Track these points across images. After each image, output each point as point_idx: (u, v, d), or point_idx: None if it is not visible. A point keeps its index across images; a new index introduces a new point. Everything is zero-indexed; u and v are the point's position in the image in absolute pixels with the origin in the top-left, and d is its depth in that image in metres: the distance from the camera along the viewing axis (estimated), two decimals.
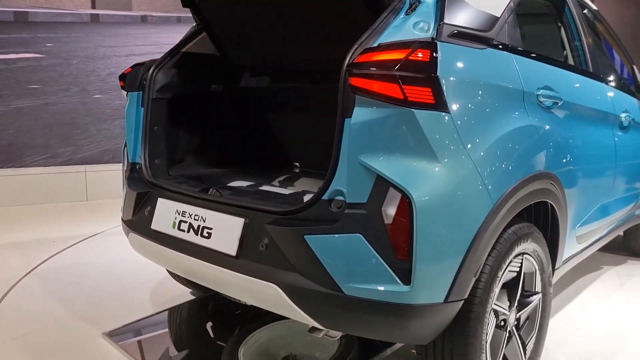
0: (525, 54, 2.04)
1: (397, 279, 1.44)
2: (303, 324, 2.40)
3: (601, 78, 2.74)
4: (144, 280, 3.05)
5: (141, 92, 2.33)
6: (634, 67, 3.31)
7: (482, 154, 1.59)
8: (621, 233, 3.58)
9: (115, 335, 2.46)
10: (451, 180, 1.50)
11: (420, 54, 1.46)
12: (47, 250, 3.50)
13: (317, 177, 2.38)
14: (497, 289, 1.74)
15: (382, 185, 1.44)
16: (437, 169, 1.47)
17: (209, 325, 2.68)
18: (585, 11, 2.92)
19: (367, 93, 1.46)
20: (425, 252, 1.44)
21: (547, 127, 2.02)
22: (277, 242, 1.62)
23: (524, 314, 1.98)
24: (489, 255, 1.66)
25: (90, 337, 2.42)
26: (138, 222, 2.18)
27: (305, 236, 1.52)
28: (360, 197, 1.47)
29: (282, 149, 2.85)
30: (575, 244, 2.46)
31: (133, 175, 2.32)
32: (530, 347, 2.02)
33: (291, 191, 1.91)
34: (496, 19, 1.88)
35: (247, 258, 1.71)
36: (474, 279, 1.58)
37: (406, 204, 1.41)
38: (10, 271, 3.11)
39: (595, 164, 2.55)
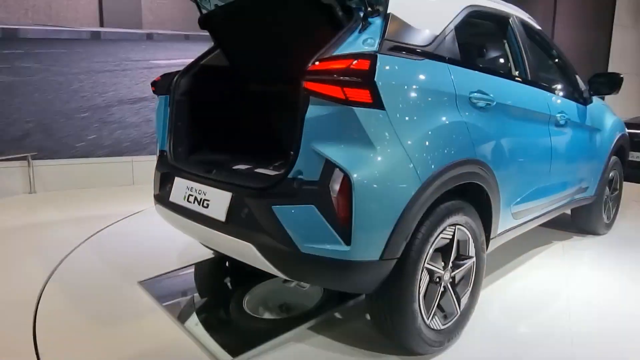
0: (461, 64, 2.00)
1: (340, 240, 1.49)
2: (274, 285, 2.51)
3: (539, 85, 2.67)
4: (176, 243, 3.12)
5: (168, 95, 2.37)
6: (577, 77, 3.22)
7: (413, 143, 1.60)
8: (569, 212, 3.51)
9: (147, 283, 2.54)
10: (385, 163, 1.52)
11: (360, 64, 1.50)
12: (102, 222, 3.61)
13: None
14: (429, 252, 1.75)
15: (329, 167, 1.49)
16: (373, 154, 1.51)
17: (223, 279, 2.70)
18: (530, 31, 2.85)
19: (317, 94, 1.50)
20: (362, 219, 1.48)
21: (479, 123, 1.98)
22: (253, 211, 1.69)
23: (458, 273, 1.96)
24: (421, 224, 1.68)
25: (129, 285, 2.51)
26: (162, 195, 2.25)
27: (272, 206, 1.59)
28: (314, 176, 1.53)
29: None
30: (511, 219, 2.40)
31: (161, 160, 2.38)
32: (464, 300, 2.00)
33: (277, 172, 1.93)
34: (435, 36, 1.87)
35: (232, 223, 1.78)
36: (405, 243, 1.60)
37: (347, 182, 1.46)
38: (72, 238, 3.19)
39: (528, 154, 2.47)
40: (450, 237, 1.86)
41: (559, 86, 3.00)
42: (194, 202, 1.99)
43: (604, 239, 3.56)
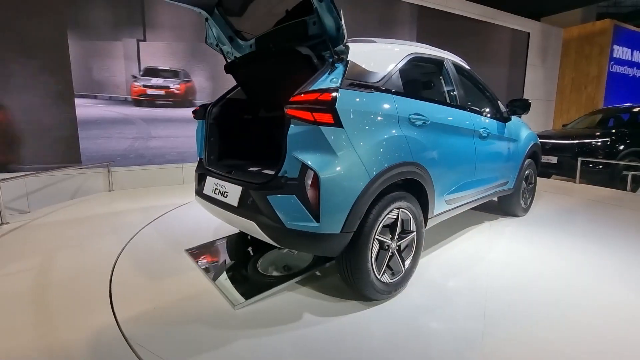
0: (404, 95, 2.05)
1: (312, 219, 1.63)
2: (281, 250, 2.58)
3: (466, 109, 2.66)
4: (214, 223, 3.19)
5: (204, 119, 2.46)
6: (499, 102, 3.24)
7: (364, 150, 1.70)
8: (496, 199, 3.56)
9: (191, 250, 2.63)
10: (343, 165, 1.63)
11: (325, 96, 1.64)
12: (161, 210, 3.69)
13: None
14: (379, 227, 1.83)
15: (304, 168, 1.62)
16: (335, 159, 1.62)
17: (246, 247, 2.70)
18: (460, 69, 2.86)
19: (295, 118, 1.64)
20: (327, 205, 1.61)
21: (416, 136, 2.03)
22: (255, 199, 1.80)
23: (403, 243, 2.02)
24: (372, 207, 1.77)
25: (178, 252, 2.60)
26: (199, 190, 2.33)
27: (267, 196, 1.72)
28: (294, 175, 1.66)
29: None
30: (445, 204, 2.44)
31: (199, 165, 2.47)
32: (408, 262, 2.07)
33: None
34: (384, 75, 1.95)
35: (242, 208, 1.90)
36: (359, 221, 1.70)
37: (316, 179, 1.59)
38: (137, 223, 3.31)
39: (456, 158, 2.48)
40: (395, 217, 1.93)
41: (483, 109, 3.04)
42: (218, 194, 2.10)
43: (522, 219, 3.62)
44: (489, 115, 3.05)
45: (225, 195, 2.04)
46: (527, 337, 1.65)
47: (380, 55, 2.06)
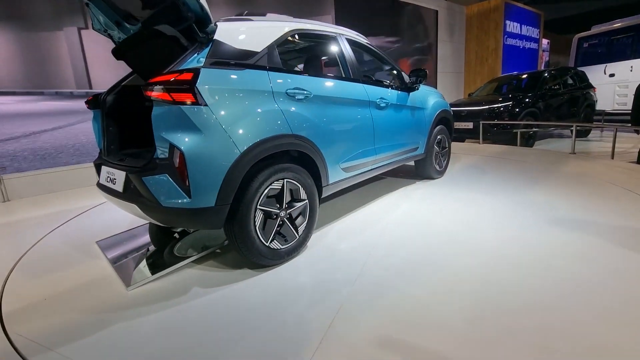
0: (281, 70, 2.07)
1: (185, 195, 1.66)
2: (202, 232, 2.54)
3: (359, 81, 2.69)
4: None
5: (99, 109, 2.34)
6: (403, 73, 3.31)
7: (232, 126, 1.73)
8: (412, 163, 3.76)
9: (103, 240, 2.55)
10: (209, 142, 1.66)
11: (185, 76, 1.64)
12: (69, 215, 3.32)
13: None
14: (261, 199, 1.88)
15: (172, 148, 1.64)
16: (200, 136, 1.64)
17: (171, 232, 2.61)
18: (356, 44, 2.86)
19: (155, 99, 1.63)
20: (196, 180, 1.64)
21: (296, 109, 2.06)
22: (134, 182, 1.79)
23: (295, 211, 2.08)
24: (250, 180, 1.81)
25: (87, 246, 2.50)
26: (98, 181, 2.25)
27: (142, 178, 1.71)
28: (165, 154, 1.66)
29: None
30: (342, 172, 2.48)
31: (98, 156, 2.38)
32: (302, 229, 2.13)
33: None
34: (255, 52, 1.97)
35: (126, 192, 1.88)
36: (233, 193, 1.75)
37: (182, 157, 1.61)
38: (41, 229, 2.93)
39: (349, 128, 2.51)
40: (280, 188, 1.99)
41: (382, 81, 3.08)
42: (109, 182, 2.07)
43: (436, 181, 3.84)
44: (389, 86, 3.12)
45: (114, 182, 2.00)
46: (389, 283, 1.78)
47: (254, 33, 2.06)
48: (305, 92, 2.17)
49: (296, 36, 2.38)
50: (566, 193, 3.21)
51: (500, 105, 6.27)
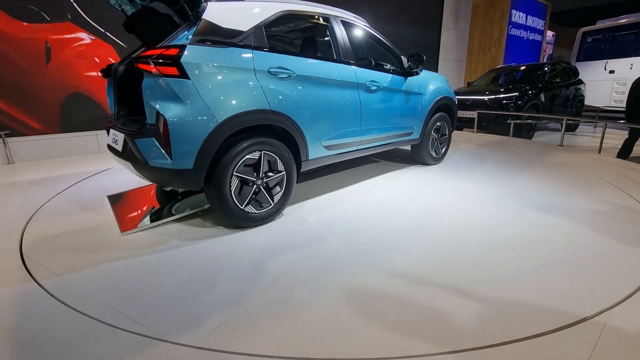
0: (266, 49, 2.17)
1: (167, 157, 1.87)
2: (201, 195, 2.74)
3: (349, 63, 2.72)
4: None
5: (112, 78, 2.52)
6: (402, 57, 3.27)
7: (212, 98, 1.90)
8: (409, 148, 3.83)
9: (114, 196, 2.86)
10: (190, 111, 1.85)
11: (171, 51, 1.82)
12: (77, 177, 3.53)
13: None
14: (237, 166, 2.06)
15: (158, 115, 1.84)
16: (182, 106, 1.84)
17: (169, 192, 2.85)
18: (351, 26, 2.88)
19: (144, 71, 1.82)
20: (176, 144, 1.85)
21: (276, 87, 2.16)
22: (129, 144, 2.01)
23: (272, 181, 2.24)
24: (228, 148, 2.00)
25: (99, 199, 2.82)
26: (108, 142, 2.44)
27: (134, 140, 1.94)
28: (152, 120, 1.87)
29: None
30: (324, 150, 2.57)
31: (109, 120, 2.55)
32: (277, 197, 2.30)
33: None
34: (242, 32, 2.10)
35: (124, 152, 2.10)
36: (210, 159, 1.94)
37: (166, 123, 1.81)
38: (52, 188, 3.17)
39: (331, 108, 2.55)
40: (257, 158, 2.16)
41: (379, 64, 3.12)
42: (114, 142, 2.28)
43: (430, 168, 3.84)
44: (383, 70, 3.13)
45: (116, 143, 2.22)
46: (338, 252, 1.93)
47: (242, 13, 2.18)
48: (288, 71, 2.27)
49: (287, 17, 2.42)
50: (550, 179, 3.42)
51: (506, 96, 6.22)
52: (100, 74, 2.59)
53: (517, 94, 6.22)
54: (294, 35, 3.16)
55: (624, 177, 3.56)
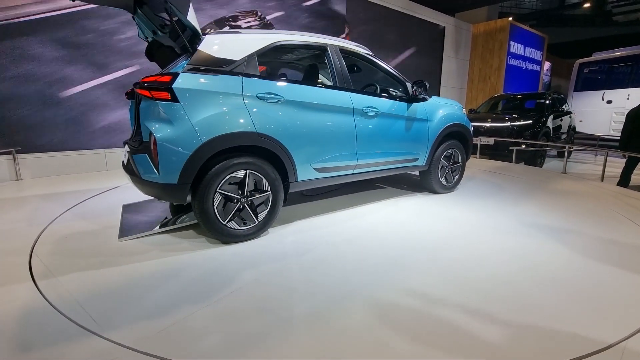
0: (256, 77, 2.31)
1: (156, 172, 2.03)
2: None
3: (345, 89, 2.78)
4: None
5: (134, 99, 2.54)
6: (407, 84, 3.27)
7: (199, 120, 2.06)
8: (417, 173, 3.79)
9: (127, 205, 3.11)
10: (177, 131, 2.02)
11: (165, 78, 2.02)
12: (86, 194, 3.63)
13: None
14: (221, 184, 2.15)
15: (150, 134, 2.02)
16: (170, 126, 2.02)
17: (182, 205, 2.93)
18: (350, 54, 2.97)
19: (142, 95, 2.03)
20: (163, 161, 2.01)
21: (264, 111, 2.28)
22: (130, 160, 2.20)
23: (257, 199, 2.33)
24: (212, 166, 2.12)
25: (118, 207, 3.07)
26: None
27: (132, 155, 2.14)
28: (147, 138, 2.06)
29: None
30: (314, 172, 2.61)
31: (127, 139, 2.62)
32: (262, 215, 2.37)
33: None
34: (234, 61, 2.27)
35: (128, 165, 2.29)
36: (193, 175, 2.08)
37: (155, 141, 1.99)
38: (61, 205, 3.25)
39: (323, 132, 2.59)
40: (242, 177, 2.26)
41: (379, 90, 3.23)
42: (124, 157, 2.46)
43: (437, 196, 3.66)
44: (385, 96, 3.16)
45: (125, 158, 2.42)
46: (296, 272, 1.96)
47: (235, 45, 2.36)
48: (277, 96, 2.38)
49: (282, 47, 2.57)
50: (561, 208, 3.37)
51: (523, 123, 6.26)
52: (125, 96, 2.76)
53: (531, 122, 6.28)
54: (290, 63, 3.36)
55: (631, 207, 3.53)
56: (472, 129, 3.99)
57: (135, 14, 2.48)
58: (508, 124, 6.41)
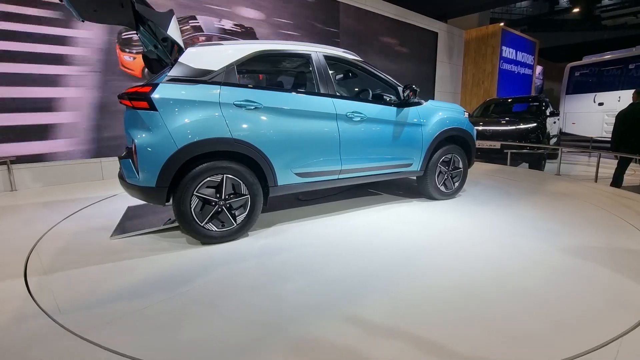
0: (234, 85, 2.37)
1: (137, 176, 2.17)
2: None
3: (328, 95, 2.79)
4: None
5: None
6: (399, 89, 3.21)
7: (175, 127, 2.20)
8: (414, 178, 3.73)
9: (132, 207, 3.30)
10: (154, 137, 2.17)
11: (144, 89, 2.16)
12: (84, 202, 3.67)
13: None
14: (198, 187, 2.26)
15: (132, 140, 2.18)
16: (148, 133, 2.17)
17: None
18: (336, 60, 2.98)
19: (125, 105, 2.19)
20: (142, 165, 2.16)
21: (240, 118, 2.34)
22: (120, 165, 2.36)
23: (236, 203, 2.40)
24: (188, 170, 2.23)
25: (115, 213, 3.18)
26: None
27: (120, 160, 2.29)
28: (130, 144, 2.22)
29: None
30: (295, 176, 2.64)
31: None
32: (241, 218, 2.44)
33: None
34: (212, 71, 2.37)
35: (120, 170, 2.45)
36: (170, 179, 2.20)
37: (135, 147, 2.14)
38: (58, 214, 3.25)
39: (303, 137, 2.61)
40: (219, 181, 2.35)
41: (372, 96, 3.22)
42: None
43: (435, 202, 3.57)
44: (373, 101, 3.14)
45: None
46: (264, 277, 1.97)
47: (215, 56, 2.46)
48: (255, 103, 2.45)
49: (264, 56, 2.65)
50: (556, 209, 3.38)
51: (529, 126, 6.28)
52: (119, 101, 2.86)
53: (535, 124, 6.31)
54: (273, 70, 3.45)
55: (625, 207, 3.56)
56: (474, 134, 3.86)
57: (138, 31, 2.58)
58: (513, 127, 6.38)
